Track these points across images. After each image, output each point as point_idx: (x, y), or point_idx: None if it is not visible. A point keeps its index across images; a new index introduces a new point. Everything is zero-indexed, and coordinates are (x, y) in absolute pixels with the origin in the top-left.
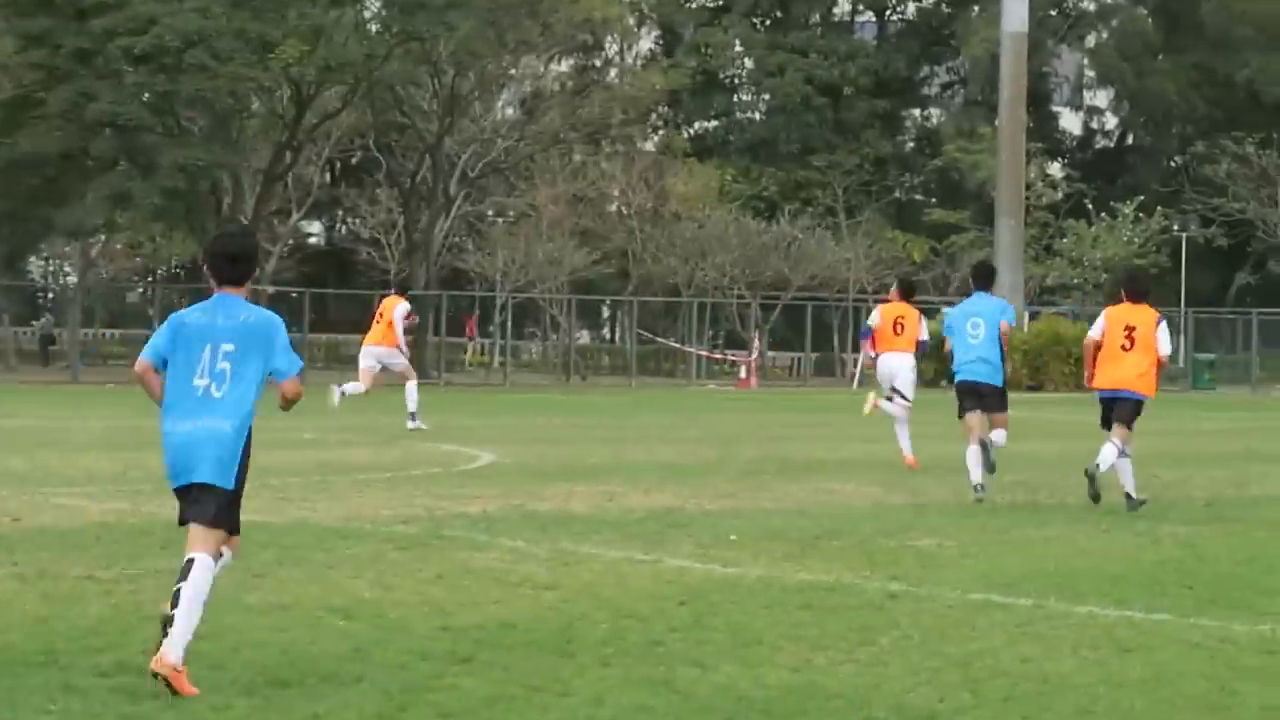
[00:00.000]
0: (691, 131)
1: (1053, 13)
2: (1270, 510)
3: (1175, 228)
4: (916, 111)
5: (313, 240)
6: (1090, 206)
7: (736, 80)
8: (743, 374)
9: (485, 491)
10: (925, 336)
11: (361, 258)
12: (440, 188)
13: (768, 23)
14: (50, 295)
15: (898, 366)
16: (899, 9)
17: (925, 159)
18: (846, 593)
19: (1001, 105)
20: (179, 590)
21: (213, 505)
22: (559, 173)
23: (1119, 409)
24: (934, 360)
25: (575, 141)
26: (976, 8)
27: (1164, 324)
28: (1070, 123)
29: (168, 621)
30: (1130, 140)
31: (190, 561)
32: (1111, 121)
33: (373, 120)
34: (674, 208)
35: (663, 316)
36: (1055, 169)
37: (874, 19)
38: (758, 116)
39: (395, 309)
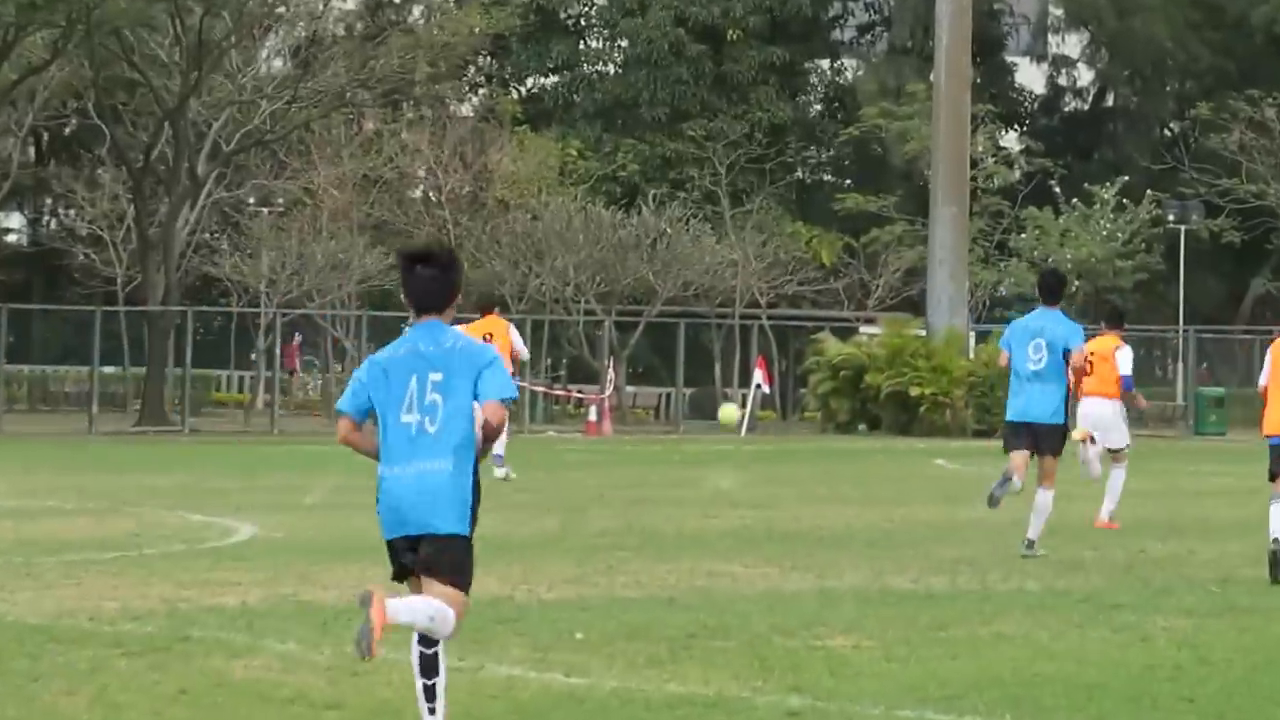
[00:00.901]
0: (523, 91)
1: None
2: None
3: (1171, 218)
4: (825, 63)
5: (11, 238)
6: (1058, 190)
7: (583, 22)
8: (592, 416)
9: (246, 577)
10: (1127, 371)
11: (77, 261)
12: (184, 167)
13: None
14: None
15: (1099, 413)
16: None
17: (837, 127)
18: (732, 709)
19: (938, 54)
20: (430, 674)
21: (449, 557)
22: (345, 146)
23: None
24: (841, 398)
25: (366, 104)
26: None
27: None
28: (1031, 78)
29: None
30: (1110, 101)
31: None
32: (1086, 76)
33: (93, 76)
34: (500, 193)
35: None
36: (1011, 140)
37: None
38: (612, 70)
39: (511, 333)
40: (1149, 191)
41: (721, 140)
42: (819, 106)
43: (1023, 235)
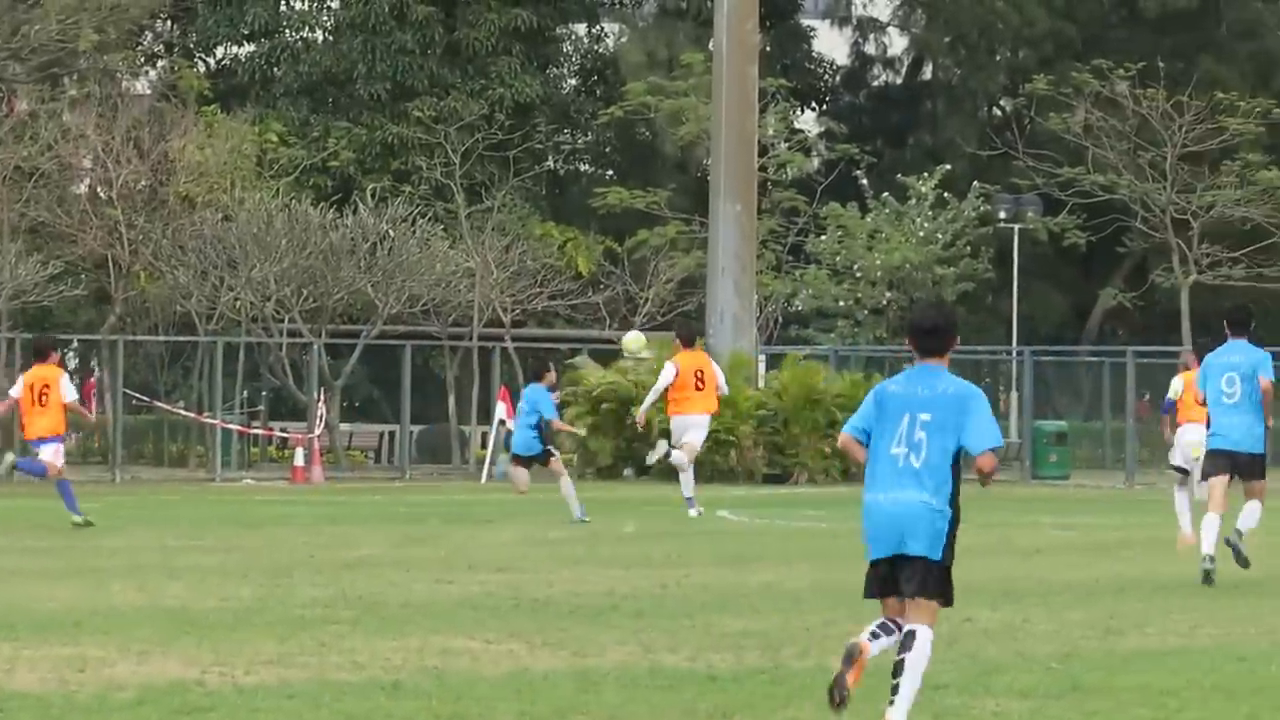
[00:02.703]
0: (212, 63)
1: None
2: (1153, 673)
3: (1002, 215)
4: (581, 28)
5: None
6: (864, 182)
7: None
8: (299, 460)
9: None
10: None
11: None
12: None
13: None
14: None
15: (1198, 439)
16: None
17: (596, 106)
18: None
19: (718, 18)
20: (902, 660)
21: (924, 578)
22: None
23: None
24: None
25: (18, 80)
26: None
27: None
28: (832, 45)
29: (894, 689)
30: (928, 73)
31: (911, 633)
32: (898, 43)
33: None
34: (184, 187)
35: (167, 367)
36: (808, 121)
37: None
38: (321, 37)
39: (716, 370)
40: (975, 183)
41: (455, 123)
42: (574, 81)
43: (822, 237)
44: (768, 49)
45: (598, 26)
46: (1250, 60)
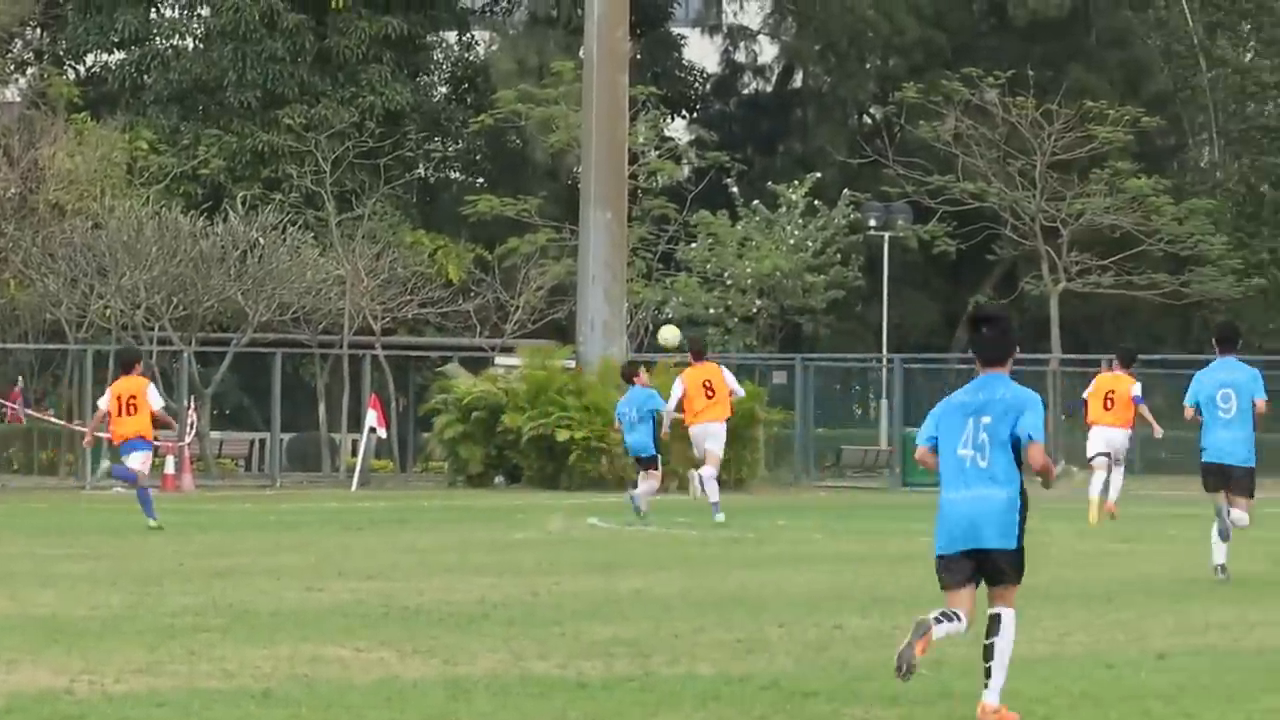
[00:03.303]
0: (82, 70)
1: None
2: (1022, 680)
3: (872, 223)
4: (451, 36)
5: None
6: (735, 190)
7: None
8: (169, 468)
9: None
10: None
11: None
12: None
13: None
14: None
15: (1111, 435)
16: None
17: (466, 113)
18: None
19: (589, 25)
20: (991, 644)
21: (1004, 567)
22: None
23: None
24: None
25: None
26: None
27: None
28: (702, 53)
29: (986, 673)
30: (799, 81)
31: (997, 617)
32: (769, 51)
33: None
34: (54, 195)
35: (38, 374)
36: (679, 129)
37: None
38: (191, 45)
39: (726, 376)
40: (845, 191)
41: (325, 130)
42: (444, 89)
43: (693, 245)
44: (638, 57)
45: (468, 34)
46: (1119, 68)
